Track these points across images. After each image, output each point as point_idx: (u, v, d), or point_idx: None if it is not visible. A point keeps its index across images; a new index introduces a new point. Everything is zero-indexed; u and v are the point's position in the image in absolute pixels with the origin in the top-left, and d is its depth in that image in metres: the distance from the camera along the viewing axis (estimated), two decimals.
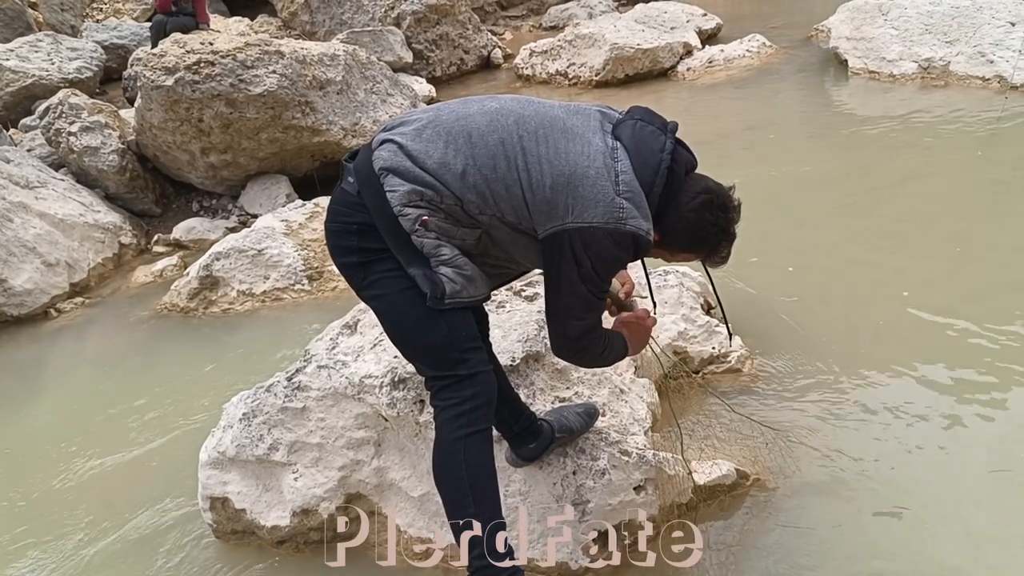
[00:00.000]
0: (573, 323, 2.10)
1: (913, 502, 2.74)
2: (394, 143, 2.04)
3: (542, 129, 2.03)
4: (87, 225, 6.43)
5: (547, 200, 1.98)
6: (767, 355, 3.66)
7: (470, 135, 2.03)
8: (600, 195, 1.96)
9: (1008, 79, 6.70)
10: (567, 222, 1.97)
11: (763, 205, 5.19)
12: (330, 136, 6.97)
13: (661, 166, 2.02)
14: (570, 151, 2.00)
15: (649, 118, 2.10)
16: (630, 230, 1.97)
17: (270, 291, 5.30)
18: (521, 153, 2.01)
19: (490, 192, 2.01)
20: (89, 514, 3.43)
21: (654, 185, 2.02)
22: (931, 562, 2.51)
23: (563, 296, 2.06)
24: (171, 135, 6.75)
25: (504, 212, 2.03)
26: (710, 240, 2.13)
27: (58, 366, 5.15)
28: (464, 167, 2.01)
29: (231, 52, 6.52)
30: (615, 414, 2.86)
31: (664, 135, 2.07)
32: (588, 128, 2.05)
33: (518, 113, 2.07)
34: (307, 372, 2.95)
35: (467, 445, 2.10)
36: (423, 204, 2.01)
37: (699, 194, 2.08)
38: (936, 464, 2.90)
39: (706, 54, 9.39)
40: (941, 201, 4.96)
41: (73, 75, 9.51)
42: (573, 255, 1.98)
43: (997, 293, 3.85)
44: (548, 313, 2.15)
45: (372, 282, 2.11)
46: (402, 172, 2.01)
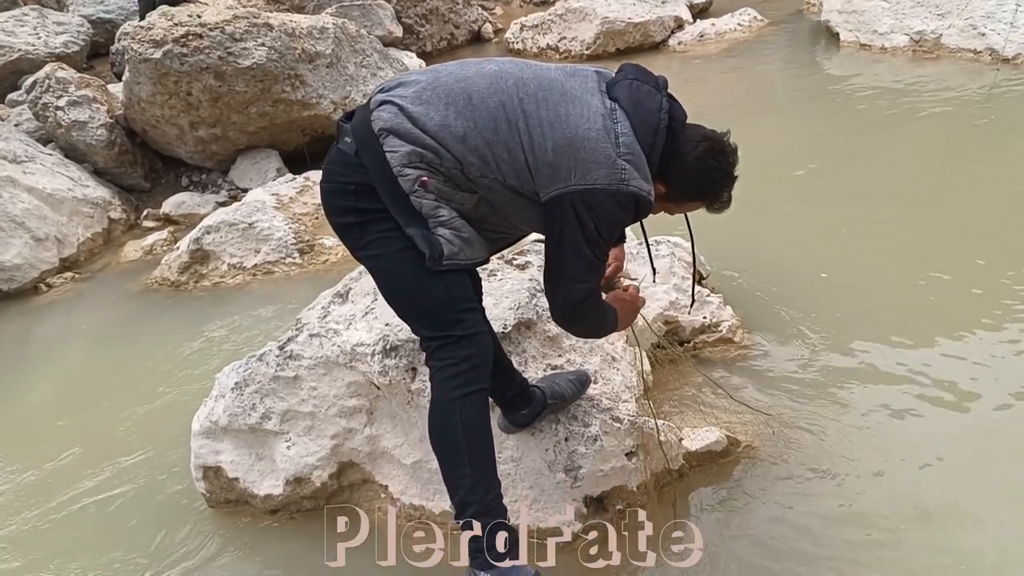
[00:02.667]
0: (577, 287, 2.10)
1: (907, 467, 2.77)
2: (394, 104, 2.03)
3: (541, 92, 2.04)
4: (76, 200, 6.38)
5: (550, 163, 1.99)
6: (758, 325, 3.67)
7: (470, 97, 2.03)
8: (602, 157, 1.98)
9: (999, 51, 6.70)
10: (570, 184, 1.98)
11: (755, 177, 5.19)
12: (320, 110, 6.92)
13: (660, 125, 2.06)
14: (571, 114, 2.01)
15: (644, 76, 2.12)
16: (632, 191, 2.00)
17: (261, 264, 5.28)
18: (522, 116, 2.01)
19: (492, 155, 2.01)
20: (80, 486, 3.42)
21: (655, 145, 2.06)
22: (929, 529, 2.54)
23: (566, 260, 2.06)
24: (159, 109, 6.69)
25: (506, 175, 2.03)
26: (716, 186, 2.16)
27: (48, 341, 5.13)
28: (465, 130, 2.00)
29: (219, 25, 6.45)
30: (607, 381, 2.87)
31: (660, 93, 2.10)
32: (586, 90, 2.07)
33: (517, 76, 2.07)
34: (299, 341, 2.95)
35: (463, 405, 2.11)
36: (423, 166, 2.01)
37: (700, 143, 2.11)
38: (928, 430, 2.93)
39: (697, 28, 9.36)
40: (931, 173, 4.98)
41: (60, 49, 9.39)
42: (577, 217, 1.99)
43: (996, 264, 3.85)
44: (549, 279, 2.14)
45: (369, 242, 2.10)
46: (402, 133, 2.00)
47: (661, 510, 2.72)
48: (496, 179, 2.04)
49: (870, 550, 2.47)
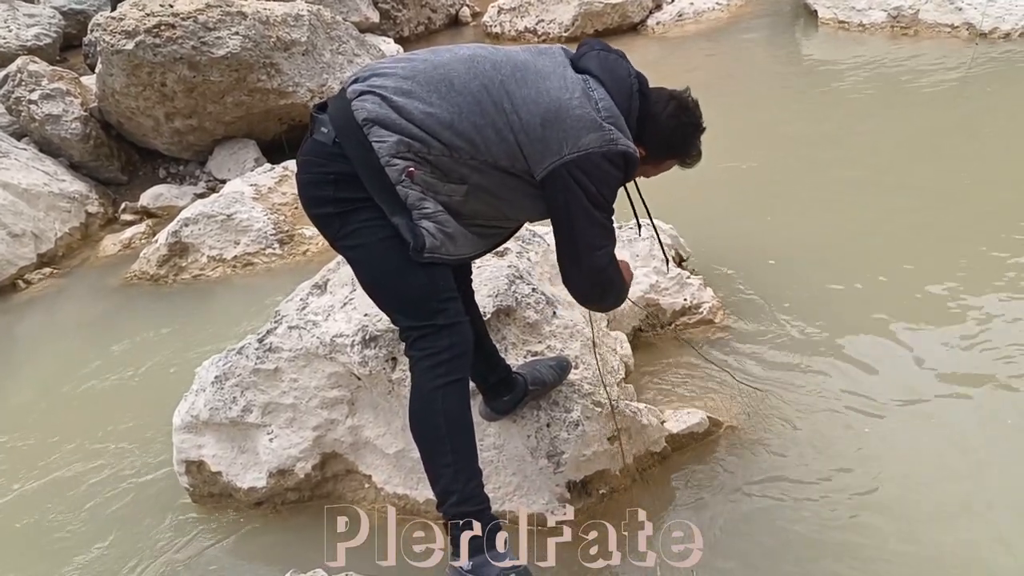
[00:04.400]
0: (598, 253, 2.12)
1: (887, 446, 2.79)
2: (376, 95, 2.01)
3: (518, 72, 2.06)
4: (52, 195, 6.32)
5: (540, 138, 2.01)
6: (738, 306, 3.69)
7: (452, 83, 2.03)
8: (588, 122, 2.02)
9: (977, 26, 6.71)
10: (564, 155, 2.00)
11: (733, 158, 5.20)
12: (297, 98, 6.88)
13: (633, 89, 2.13)
14: (550, 88, 2.04)
15: (607, 47, 2.18)
16: (621, 149, 2.05)
17: (241, 256, 5.25)
18: (506, 96, 2.02)
19: (481, 138, 2.01)
20: (64, 484, 3.41)
21: (631, 109, 2.12)
22: (910, 507, 2.57)
23: (580, 230, 2.08)
24: (134, 100, 6.63)
25: (497, 157, 2.03)
26: (688, 140, 2.23)
27: (29, 337, 5.09)
28: (451, 116, 2.00)
29: (192, 14, 6.38)
30: (587, 366, 2.87)
31: (626, 60, 2.17)
32: (557, 65, 2.11)
33: (491, 59, 2.09)
34: (278, 333, 2.93)
35: (445, 394, 2.10)
36: (411, 156, 2.00)
37: (669, 102, 2.19)
38: (911, 406, 2.96)
39: (676, 8, 9.33)
40: (908, 149, 5.00)
41: (31, 42, 9.28)
42: (578, 184, 2.02)
43: (969, 243, 3.87)
44: (567, 255, 2.15)
45: (349, 232, 2.09)
46: (388, 124, 1.99)
47: (644, 493, 2.73)
48: (486, 161, 2.03)
49: (852, 529, 2.50)
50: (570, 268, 2.17)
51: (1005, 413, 2.83)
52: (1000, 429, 2.77)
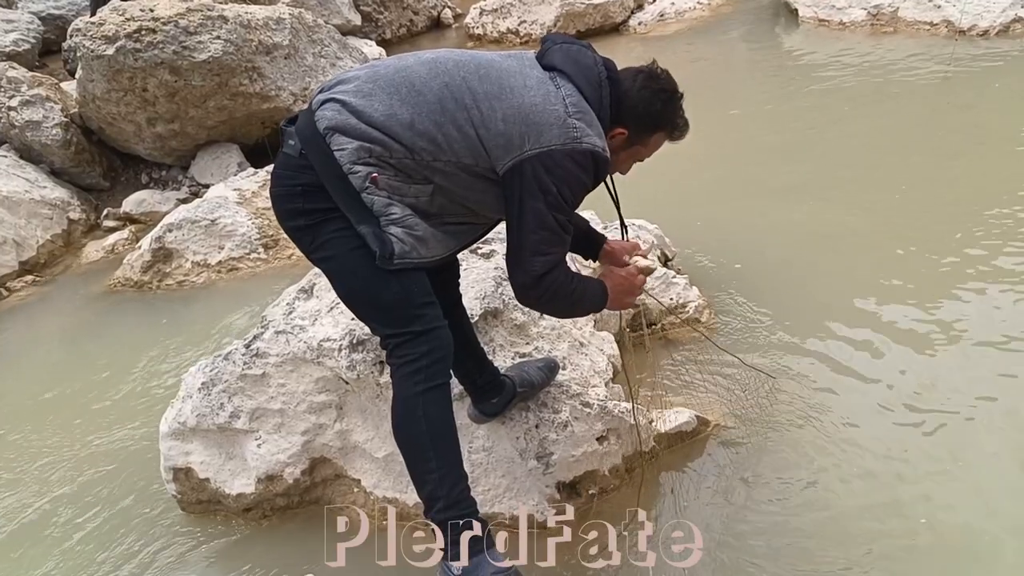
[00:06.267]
0: (539, 259, 2.05)
1: (876, 442, 2.81)
2: (336, 101, 2.01)
3: (482, 69, 2.06)
4: (33, 202, 6.27)
5: (502, 133, 1.99)
6: (724, 306, 3.70)
7: (413, 84, 2.02)
8: (552, 118, 1.99)
9: (956, 23, 6.76)
10: (525, 151, 1.98)
11: (716, 156, 5.22)
12: (279, 102, 6.84)
13: (601, 77, 2.11)
14: (514, 85, 2.03)
15: (570, 39, 2.17)
16: (587, 148, 2.01)
17: (225, 261, 5.22)
18: (468, 92, 2.01)
19: (442, 136, 2.00)
20: (50, 492, 3.38)
21: (602, 97, 2.10)
22: (907, 495, 2.59)
23: (528, 231, 2.02)
24: (115, 106, 6.58)
25: (460, 155, 2.02)
26: (668, 107, 2.18)
27: (11, 345, 5.04)
28: (412, 116, 1.99)
29: (172, 18, 6.34)
30: (575, 367, 2.88)
31: (590, 49, 2.16)
32: (524, 64, 2.10)
33: (455, 60, 2.09)
34: (265, 338, 2.92)
35: (425, 400, 2.09)
36: (372, 161, 1.99)
37: (637, 75, 2.17)
38: (896, 406, 2.98)
39: (657, 7, 9.35)
40: (889, 146, 5.03)
41: (10, 48, 9.20)
42: (537, 183, 1.98)
43: (947, 238, 3.90)
44: (511, 254, 2.09)
45: (321, 244, 2.08)
46: (348, 130, 1.98)
47: (633, 492, 2.73)
48: (450, 161, 2.02)
49: (836, 521, 2.51)
50: (511, 268, 2.12)
51: (994, 407, 2.85)
52: (991, 423, 2.79)
